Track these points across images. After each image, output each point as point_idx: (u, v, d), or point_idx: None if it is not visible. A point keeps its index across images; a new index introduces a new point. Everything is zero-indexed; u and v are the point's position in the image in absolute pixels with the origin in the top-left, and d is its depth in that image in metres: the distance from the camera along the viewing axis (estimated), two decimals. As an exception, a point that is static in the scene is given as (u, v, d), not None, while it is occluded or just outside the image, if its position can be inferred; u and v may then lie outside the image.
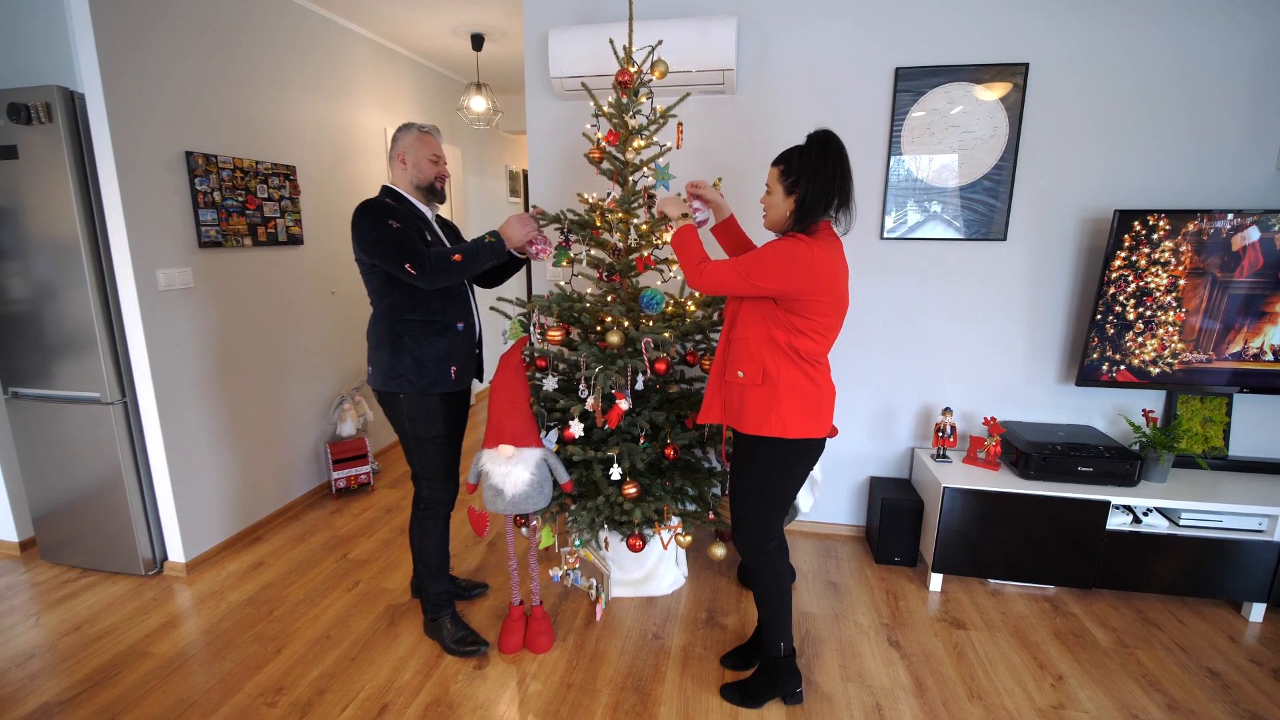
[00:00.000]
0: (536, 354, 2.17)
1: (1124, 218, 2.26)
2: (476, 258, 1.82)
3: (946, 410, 2.52)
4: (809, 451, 1.65)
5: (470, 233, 4.75)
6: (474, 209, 4.87)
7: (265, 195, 2.80)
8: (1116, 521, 2.29)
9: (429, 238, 1.93)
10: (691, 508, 2.20)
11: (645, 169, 2.09)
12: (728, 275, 1.57)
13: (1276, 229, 2.18)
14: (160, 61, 2.34)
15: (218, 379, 2.65)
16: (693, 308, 2.21)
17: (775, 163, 1.62)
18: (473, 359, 2.05)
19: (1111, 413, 2.58)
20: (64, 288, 2.28)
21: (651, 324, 2.11)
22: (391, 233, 1.79)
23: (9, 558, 2.66)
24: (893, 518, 2.54)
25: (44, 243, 2.26)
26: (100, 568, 2.54)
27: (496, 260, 1.87)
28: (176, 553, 2.52)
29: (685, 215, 1.73)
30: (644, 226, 2.10)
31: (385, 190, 1.94)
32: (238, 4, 2.67)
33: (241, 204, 2.68)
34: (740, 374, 1.63)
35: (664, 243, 2.13)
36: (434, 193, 1.97)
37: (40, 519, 2.55)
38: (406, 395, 1.90)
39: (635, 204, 2.09)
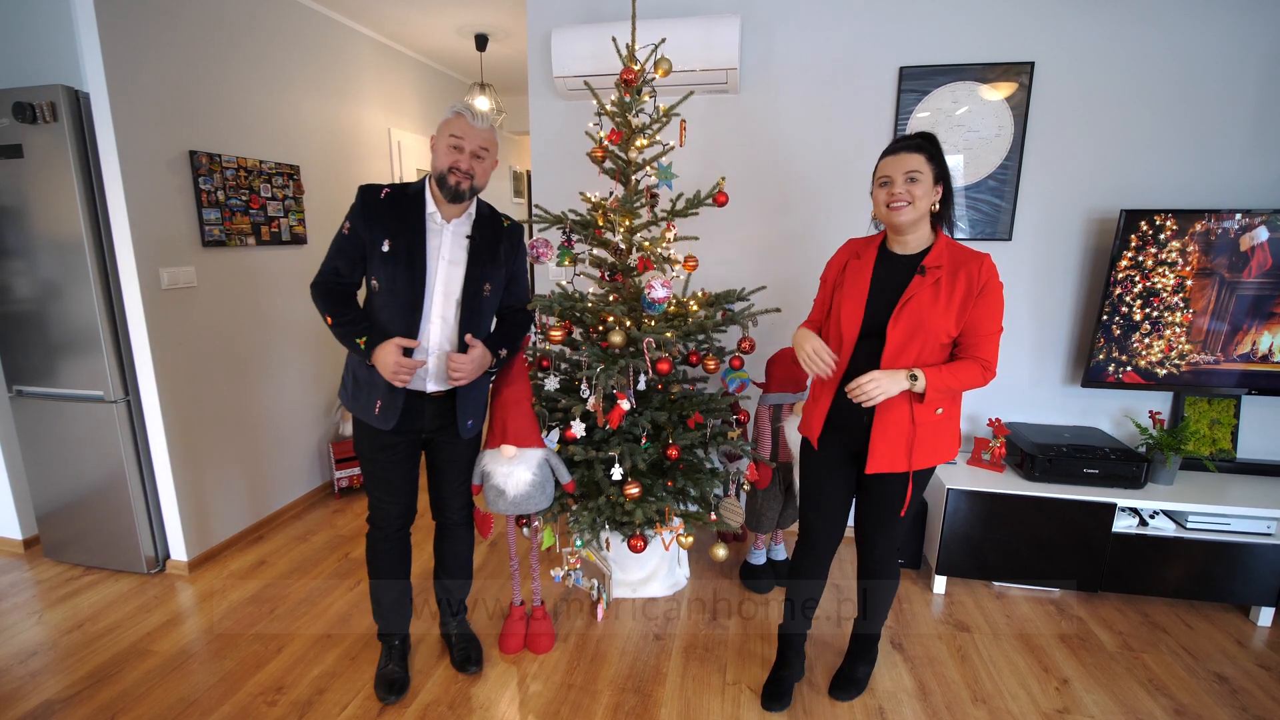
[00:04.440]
0: (539, 354, 2.17)
1: (1130, 217, 2.24)
2: (343, 340, 1.65)
3: (951, 411, 2.51)
4: None
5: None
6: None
7: (269, 195, 2.80)
8: (1123, 524, 2.27)
9: (385, 247, 1.60)
10: (693, 509, 2.19)
11: (648, 168, 2.08)
12: (995, 349, 1.53)
13: (1285, 229, 2.16)
14: (165, 61, 2.34)
15: (221, 378, 2.66)
16: (695, 307, 2.20)
17: (912, 150, 1.49)
18: (416, 402, 1.71)
19: (1118, 414, 2.56)
20: (68, 286, 2.29)
21: (654, 324, 2.10)
22: (337, 235, 1.66)
23: (13, 555, 2.67)
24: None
25: (48, 241, 2.27)
26: (103, 566, 2.54)
27: (358, 356, 1.66)
28: (179, 551, 2.53)
29: (914, 376, 1.48)
30: (647, 244, 2.09)
31: (426, 178, 1.70)
32: (242, 4, 2.68)
33: (245, 203, 2.69)
34: (940, 410, 1.56)
35: (668, 242, 2.12)
36: (447, 189, 1.61)
37: (44, 517, 2.56)
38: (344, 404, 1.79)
39: (638, 203, 2.08)
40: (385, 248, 1.61)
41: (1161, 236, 2.24)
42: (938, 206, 1.55)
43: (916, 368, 1.49)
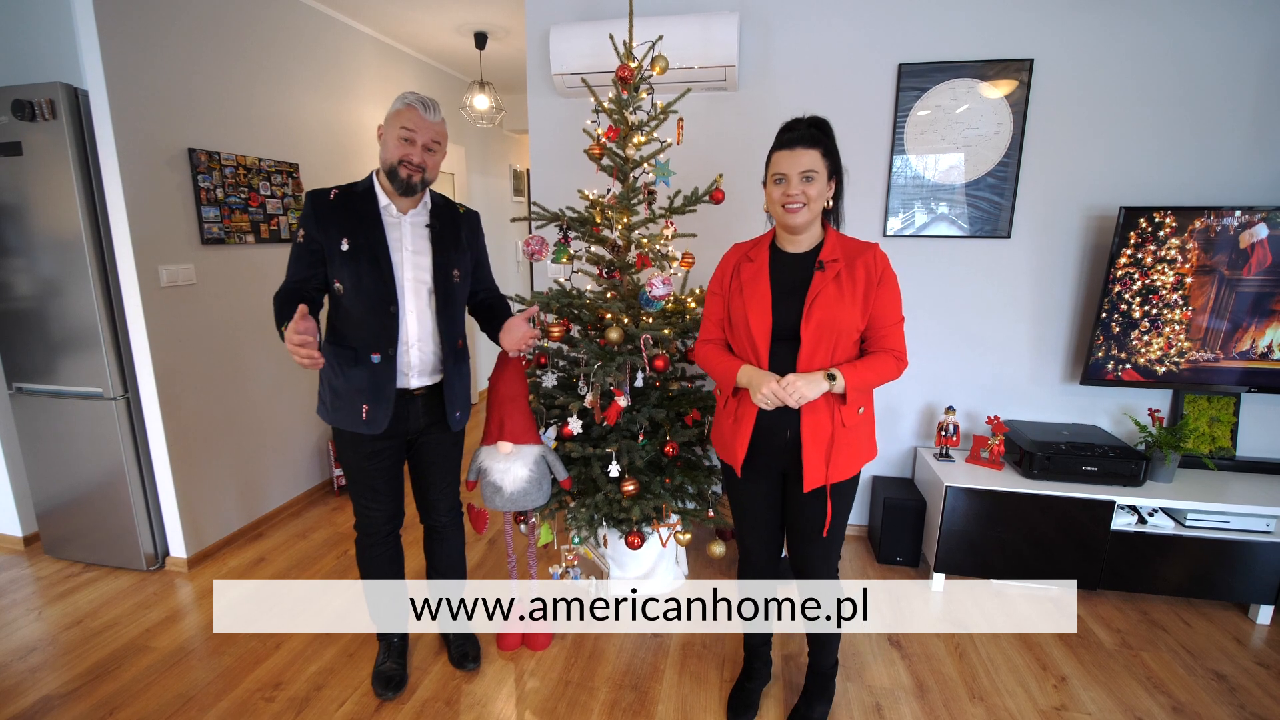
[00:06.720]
0: (536, 350, 2.17)
1: (1130, 215, 2.24)
2: (279, 327, 1.53)
3: (950, 409, 2.50)
4: None
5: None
6: (479, 210, 4.87)
7: (268, 192, 2.81)
8: (1121, 522, 2.26)
9: (344, 246, 1.54)
10: (691, 505, 2.19)
11: (645, 165, 2.08)
12: (902, 338, 1.49)
13: (1285, 226, 2.15)
14: (164, 58, 2.35)
15: (220, 375, 2.66)
16: (693, 304, 2.20)
17: (809, 145, 1.41)
18: (394, 400, 1.66)
19: (1117, 412, 2.55)
20: (67, 284, 2.30)
21: (651, 321, 2.10)
22: (293, 244, 1.60)
23: (13, 552, 2.67)
24: (895, 517, 2.52)
25: (48, 239, 2.28)
26: (103, 563, 2.55)
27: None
28: (178, 548, 2.53)
29: (831, 376, 1.41)
30: (645, 241, 2.09)
31: (373, 174, 1.65)
32: (242, 2, 2.68)
33: (244, 201, 2.69)
34: (861, 410, 1.49)
35: (666, 241, 2.12)
36: (398, 182, 1.56)
37: (44, 514, 2.56)
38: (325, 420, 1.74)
39: (636, 200, 2.08)
40: (344, 246, 1.57)
41: (1161, 234, 2.24)
42: (831, 204, 1.49)
43: (833, 368, 1.42)
